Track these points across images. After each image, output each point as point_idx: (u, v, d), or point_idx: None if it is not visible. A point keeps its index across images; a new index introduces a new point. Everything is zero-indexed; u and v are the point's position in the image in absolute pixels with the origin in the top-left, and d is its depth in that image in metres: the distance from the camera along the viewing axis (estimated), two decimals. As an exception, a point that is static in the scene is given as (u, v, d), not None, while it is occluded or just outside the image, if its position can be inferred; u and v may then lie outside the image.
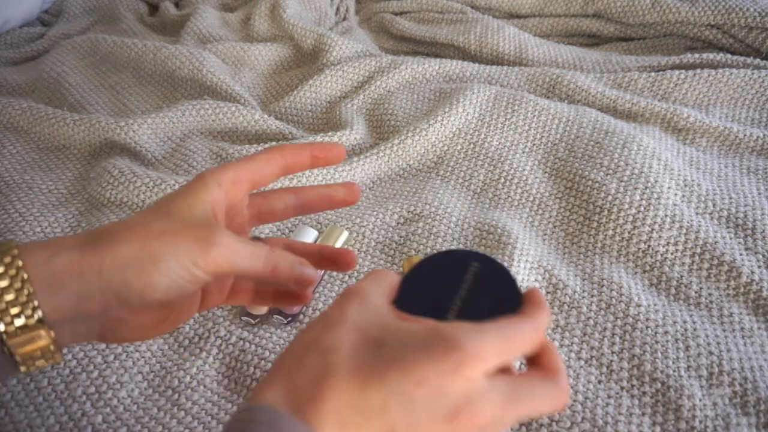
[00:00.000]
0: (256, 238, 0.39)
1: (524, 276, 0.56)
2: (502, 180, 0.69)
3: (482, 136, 0.75)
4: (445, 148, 0.74)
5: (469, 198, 0.68)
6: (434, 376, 0.26)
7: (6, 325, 0.29)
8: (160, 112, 0.76)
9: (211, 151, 0.72)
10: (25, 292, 0.29)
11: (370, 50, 0.94)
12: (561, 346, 0.52)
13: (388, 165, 0.72)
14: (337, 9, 1.11)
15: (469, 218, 0.64)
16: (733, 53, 0.89)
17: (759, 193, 0.66)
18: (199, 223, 0.32)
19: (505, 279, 0.32)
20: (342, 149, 0.38)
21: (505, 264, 0.32)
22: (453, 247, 0.60)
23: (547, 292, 0.56)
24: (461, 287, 0.31)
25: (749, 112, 0.79)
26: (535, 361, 0.31)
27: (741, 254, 0.58)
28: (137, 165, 0.70)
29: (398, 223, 0.64)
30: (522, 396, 0.28)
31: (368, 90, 0.83)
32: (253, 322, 0.53)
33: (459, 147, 0.74)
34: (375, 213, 0.65)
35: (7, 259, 0.29)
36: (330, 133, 0.74)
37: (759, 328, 0.53)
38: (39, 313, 0.29)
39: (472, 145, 0.74)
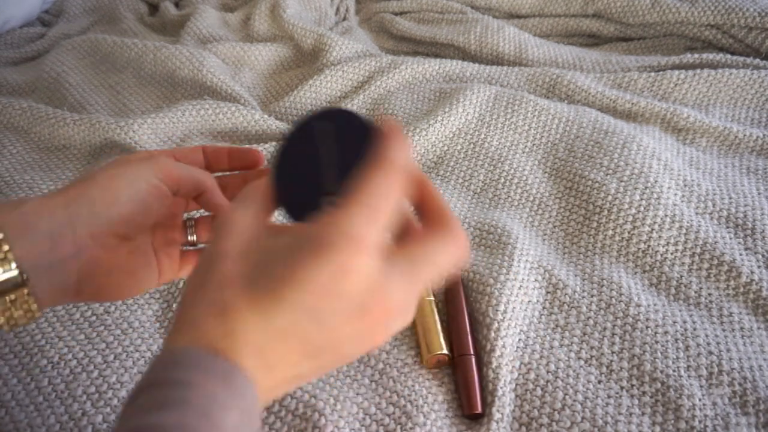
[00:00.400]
0: None
1: (524, 276, 0.56)
2: (502, 180, 0.69)
3: (482, 136, 0.75)
4: (445, 148, 0.74)
5: (469, 198, 0.68)
6: (326, 281, 0.25)
7: None
8: (160, 112, 0.76)
9: (211, 151, 0.72)
10: None
11: (370, 50, 0.94)
12: (561, 345, 0.52)
13: (388, 165, 0.72)
14: (337, 9, 1.11)
15: (469, 218, 0.64)
16: (733, 53, 0.89)
17: (759, 193, 0.66)
18: (145, 155, 0.37)
19: (350, 120, 0.30)
20: (259, 156, 0.41)
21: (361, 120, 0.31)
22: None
23: (547, 292, 0.56)
24: (321, 156, 0.30)
25: (749, 112, 0.79)
26: (423, 212, 0.31)
27: (741, 254, 0.58)
28: (137, 165, 0.70)
29: (398, 223, 0.64)
30: (422, 265, 0.28)
31: (368, 90, 0.83)
32: None
33: (459, 147, 0.74)
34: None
35: None
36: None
37: (759, 328, 0.53)
38: (12, 260, 0.31)
39: (472, 145, 0.74)
